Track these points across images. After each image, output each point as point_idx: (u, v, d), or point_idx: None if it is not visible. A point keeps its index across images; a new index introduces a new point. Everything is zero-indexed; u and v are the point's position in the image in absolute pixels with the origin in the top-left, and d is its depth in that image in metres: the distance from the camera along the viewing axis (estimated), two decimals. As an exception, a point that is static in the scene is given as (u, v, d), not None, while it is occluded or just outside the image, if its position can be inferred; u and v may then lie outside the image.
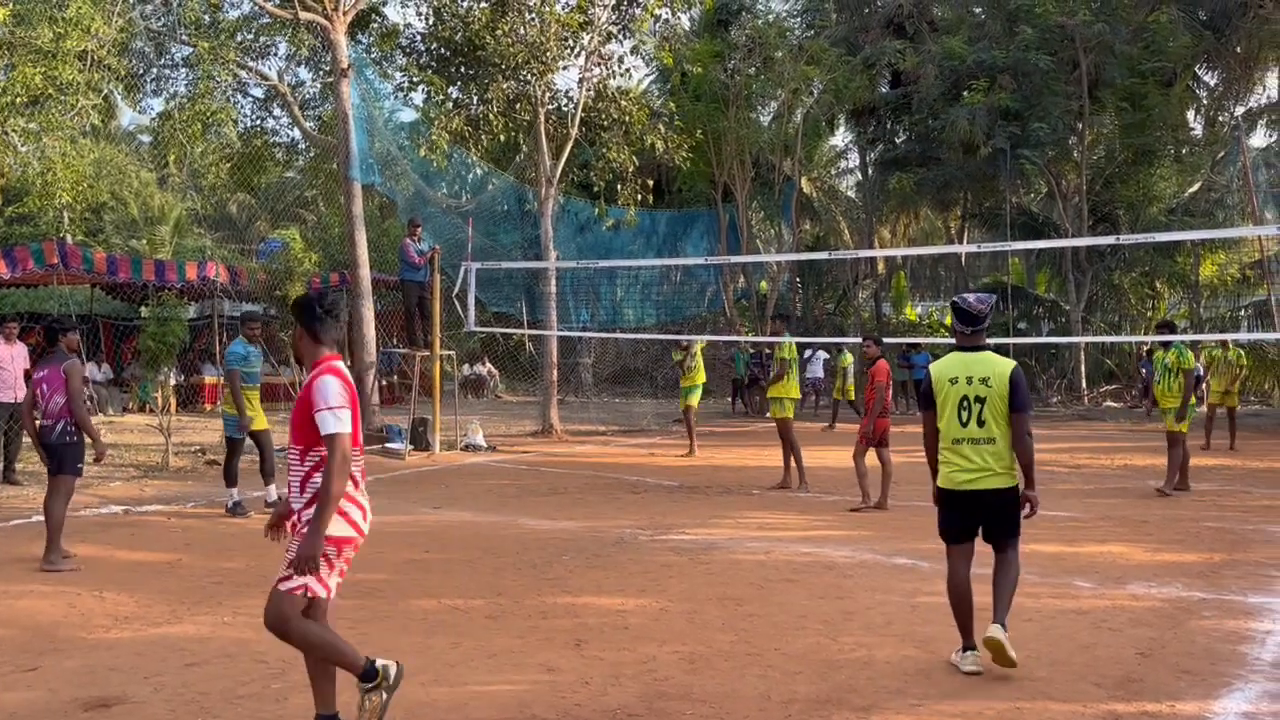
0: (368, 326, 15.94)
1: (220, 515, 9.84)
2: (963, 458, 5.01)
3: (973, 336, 5.13)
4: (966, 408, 4.98)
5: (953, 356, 5.18)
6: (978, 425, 4.97)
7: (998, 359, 5.09)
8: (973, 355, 5.10)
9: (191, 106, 16.00)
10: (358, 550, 4.14)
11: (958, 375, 5.04)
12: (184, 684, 4.89)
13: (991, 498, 5.00)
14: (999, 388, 4.97)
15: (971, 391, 4.99)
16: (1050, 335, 28.02)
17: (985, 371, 5.01)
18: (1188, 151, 27.76)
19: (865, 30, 29.18)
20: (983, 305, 5.09)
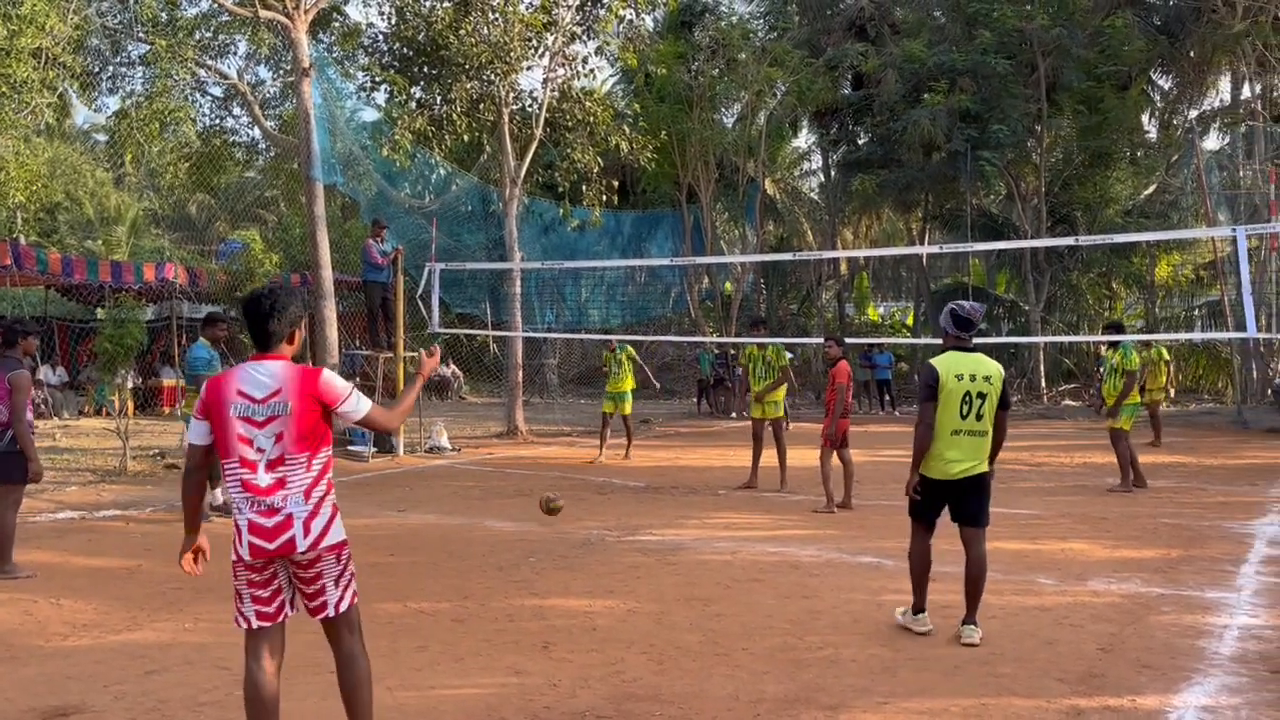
0: (330, 328, 15.78)
1: (180, 520, 9.68)
2: (956, 447, 5.48)
3: (968, 340, 5.63)
4: (968, 402, 5.46)
5: (953, 355, 5.59)
6: (976, 419, 5.48)
7: (991, 361, 5.61)
8: (971, 356, 5.58)
9: (149, 105, 15.76)
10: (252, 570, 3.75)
11: (964, 373, 5.50)
12: (144, 692, 4.81)
13: (970, 482, 5.53)
14: (998, 385, 5.54)
15: (975, 388, 5.49)
16: (1010, 335, 28.35)
17: (987, 371, 5.53)
18: (1143, 154, 28.22)
19: (828, 33, 29.36)
20: (976, 312, 5.65)
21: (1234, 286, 22.32)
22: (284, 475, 3.65)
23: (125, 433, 13.05)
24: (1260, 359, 23.07)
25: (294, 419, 3.64)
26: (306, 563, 3.70)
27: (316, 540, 3.68)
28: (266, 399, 3.65)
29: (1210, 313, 27.45)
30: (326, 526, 3.72)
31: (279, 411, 3.65)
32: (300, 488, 3.67)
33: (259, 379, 3.68)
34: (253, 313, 3.75)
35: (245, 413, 3.65)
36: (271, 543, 3.64)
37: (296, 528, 3.65)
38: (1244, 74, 25.41)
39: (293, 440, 3.64)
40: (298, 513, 3.66)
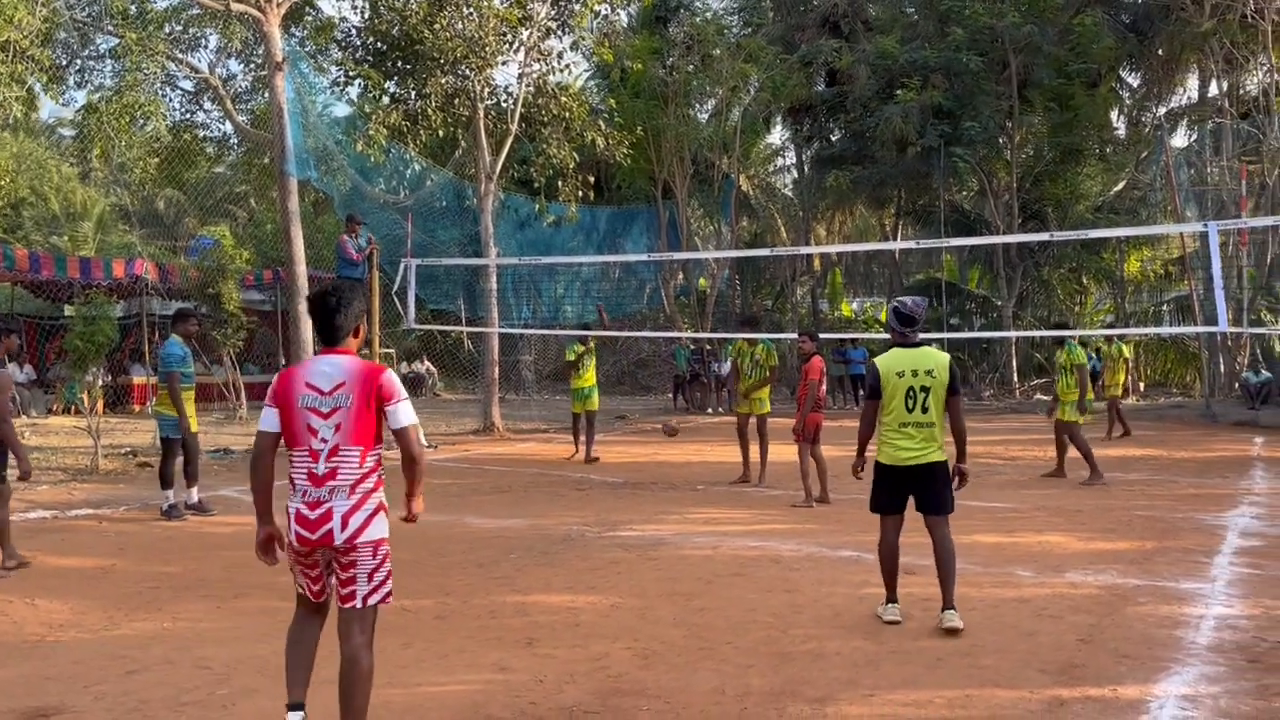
0: (305, 324, 15.65)
1: (155, 519, 9.59)
2: (906, 438, 5.69)
3: (911, 335, 5.80)
4: (912, 396, 5.66)
5: (896, 353, 5.79)
6: (922, 411, 5.66)
7: (936, 353, 5.78)
8: (915, 351, 5.77)
9: (119, 99, 15.55)
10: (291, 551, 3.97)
11: (904, 369, 5.70)
12: (125, 692, 4.76)
13: (924, 471, 5.69)
14: (941, 377, 5.68)
15: (918, 383, 5.67)
16: (982, 330, 28.60)
17: (929, 364, 5.70)
18: (1112, 151, 28.54)
19: (802, 29, 29.49)
20: (919, 308, 5.81)
21: (1202, 281, 22.62)
22: (336, 466, 3.80)
23: (96, 431, 12.90)
24: (1227, 353, 23.41)
25: (354, 412, 3.79)
26: (344, 554, 3.83)
27: (354, 535, 3.81)
28: (332, 391, 3.81)
29: (1178, 308, 27.81)
30: (366, 522, 3.84)
31: (342, 403, 3.80)
32: (348, 481, 3.81)
33: (326, 371, 3.83)
34: (320, 308, 3.91)
35: (312, 404, 3.81)
36: (313, 533, 3.82)
37: (335, 521, 3.79)
38: (1211, 71, 25.75)
39: (349, 433, 3.80)
40: (339, 506, 3.79)
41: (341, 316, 3.90)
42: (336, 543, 3.80)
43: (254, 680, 4.91)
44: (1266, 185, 23.03)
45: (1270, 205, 22.53)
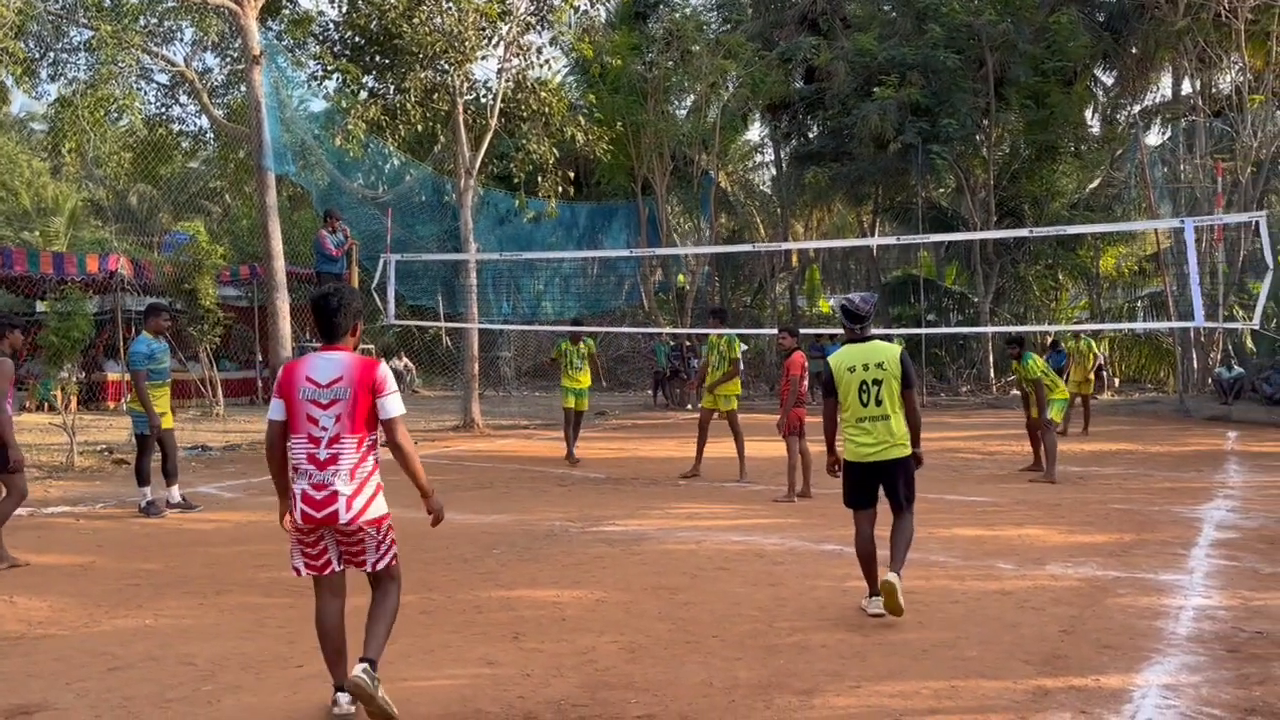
0: (283, 320, 15.55)
1: (132, 515, 9.51)
2: (865, 433, 5.78)
3: (861, 331, 5.90)
4: (866, 390, 5.75)
5: (847, 349, 5.91)
6: (875, 404, 5.74)
7: (886, 345, 5.86)
8: (864, 346, 5.87)
9: (93, 93, 15.37)
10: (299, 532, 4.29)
11: (855, 364, 5.81)
12: (108, 689, 4.72)
13: (890, 466, 5.78)
14: (893, 369, 5.75)
15: (869, 376, 5.76)
16: (959, 326, 28.77)
17: (879, 358, 5.78)
18: (1087, 148, 28.72)
19: (780, 26, 29.51)
20: (867, 305, 5.88)
21: (1175, 278, 22.85)
22: (337, 453, 4.16)
23: (72, 428, 12.77)
24: (1201, 349, 23.65)
25: (352, 403, 4.17)
26: (348, 532, 4.20)
27: (357, 515, 4.17)
28: (330, 384, 4.18)
29: (1152, 304, 28.07)
30: (367, 503, 4.20)
31: (340, 396, 4.17)
32: (348, 466, 4.17)
33: (325, 366, 4.22)
34: (321, 308, 4.31)
35: (312, 396, 4.18)
36: (319, 513, 4.16)
37: (340, 503, 4.15)
38: (1185, 70, 25.96)
39: (349, 423, 4.17)
40: (343, 489, 4.15)
41: (340, 316, 4.30)
42: (341, 522, 4.15)
43: (238, 676, 4.88)
44: (1240, 183, 23.28)
45: (1243, 202, 22.77)
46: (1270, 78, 23.72)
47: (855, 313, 5.87)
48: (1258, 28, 23.05)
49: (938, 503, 9.91)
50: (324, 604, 4.33)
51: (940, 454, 14.27)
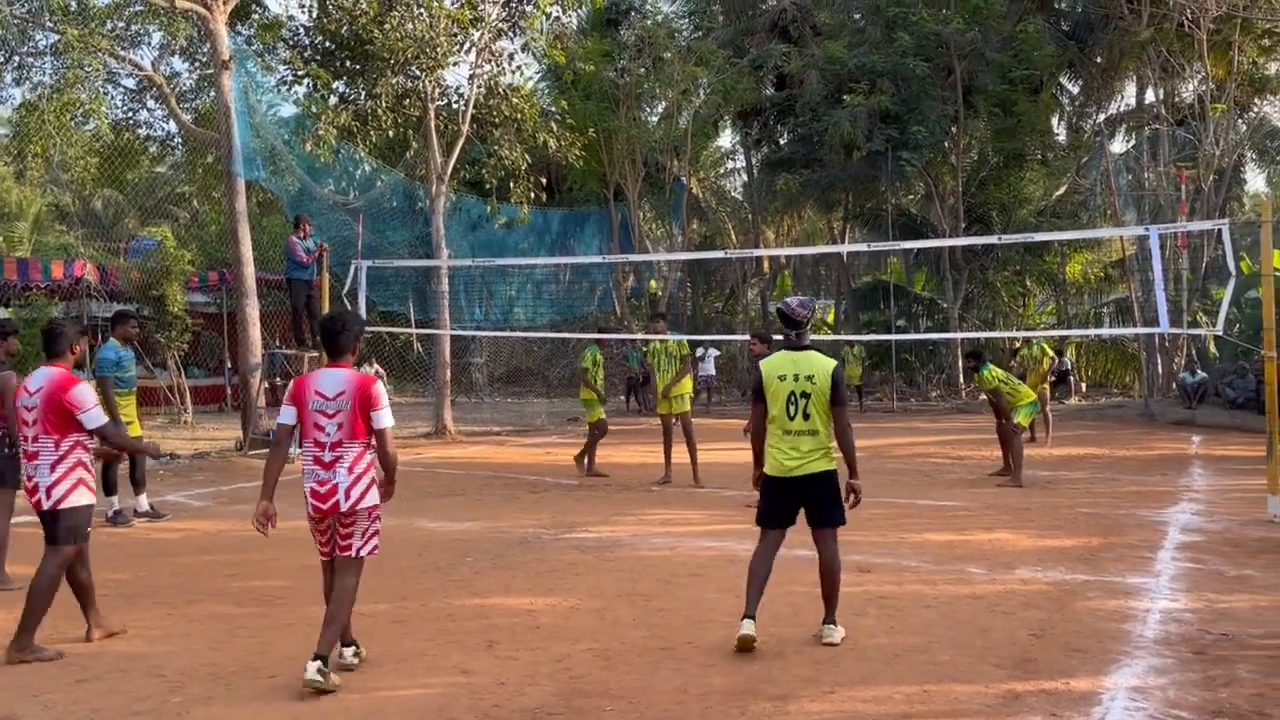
0: (252, 327, 15.42)
1: (100, 525, 9.37)
2: (791, 446, 5.39)
3: (798, 338, 5.50)
4: (794, 402, 5.38)
5: (780, 355, 5.53)
6: (803, 418, 5.37)
7: (820, 358, 5.45)
8: (799, 354, 5.47)
9: (59, 97, 15.19)
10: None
11: (786, 373, 5.42)
12: (75, 701, 4.66)
13: (810, 481, 5.39)
14: (822, 384, 5.37)
15: (798, 388, 5.39)
16: (929, 332, 29.01)
17: (810, 370, 5.39)
18: (1054, 156, 29.10)
19: (751, 33, 29.68)
20: (805, 310, 5.51)
21: (1140, 284, 23.17)
22: (340, 455, 4.83)
23: (37, 436, 12.57)
24: (1165, 355, 23.99)
25: (352, 414, 4.83)
26: (347, 516, 4.86)
27: (355, 503, 4.84)
28: (335, 397, 4.84)
29: (1118, 309, 28.45)
30: (363, 494, 4.87)
31: (343, 407, 4.83)
32: (347, 464, 4.83)
33: (330, 381, 4.87)
34: (327, 330, 5.01)
35: (319, 407, 4.84)
36: (324, 504, 4.84)
37: (340, 494, 4.82)
38: (1149, 79, 26.38)
39: (349, 431, 4.83)
40: (342, 483, 4.83)
41: (343, 338, 4.97)
42: (342, 509, 4.82)
43: (208, 688, 4.83)
44: (1202, 190, 23.65)
45: (1206, 210, 23.14)
46: (1232, 87, 24.15)
47: (792, 318, 5.48)
48: (1219, 37, 23.47)
49: (909, 508, 9.99)
50: (328, 577, 5.02)
51: (910, 459, 14.40)
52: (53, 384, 5.47)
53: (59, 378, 5.50)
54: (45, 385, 5.48)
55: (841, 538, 8.02)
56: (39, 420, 5.46)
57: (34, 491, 5.47)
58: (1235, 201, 27.65)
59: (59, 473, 5.43)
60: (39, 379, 5.54)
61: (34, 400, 5.48)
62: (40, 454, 5.45)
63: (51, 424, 5.45)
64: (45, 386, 5.48)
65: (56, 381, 5.47)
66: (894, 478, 12.36)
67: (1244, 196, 29.38)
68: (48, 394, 5.45)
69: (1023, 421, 11.82)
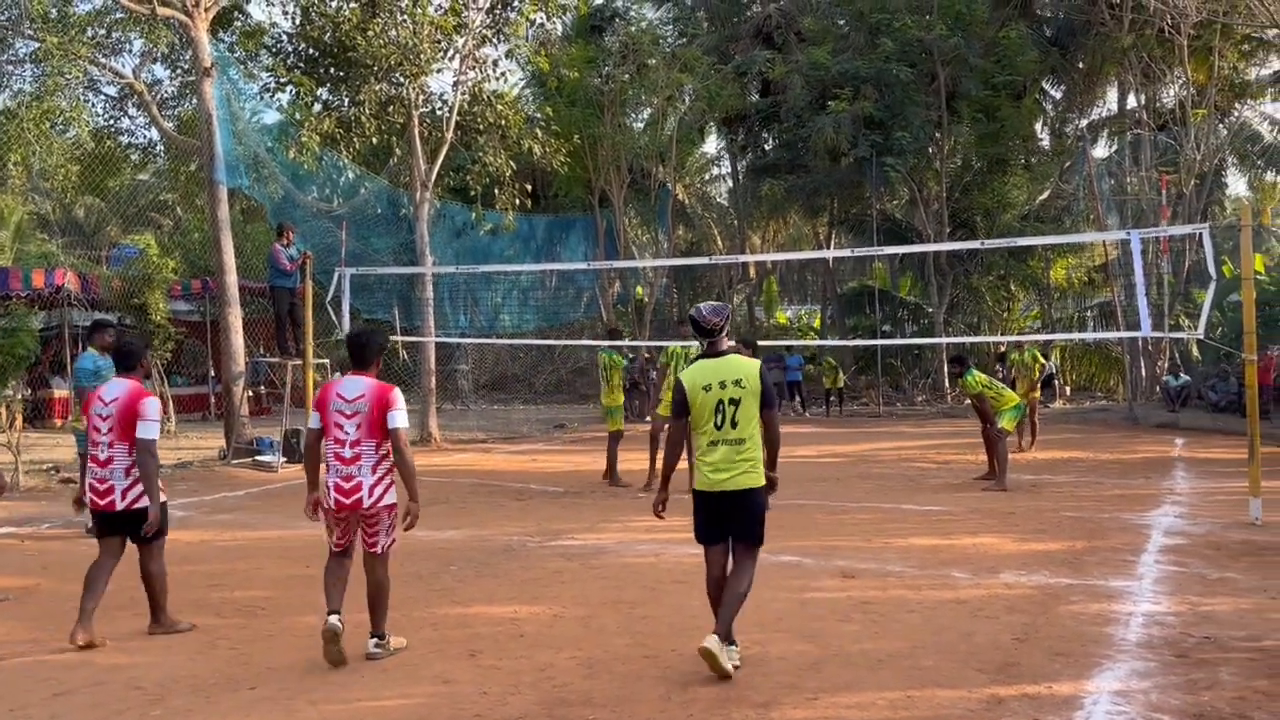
0: (235, 335, 15.35)
1: (79, 536, 9.30)
2: (720, 457, 5.09)
3: (713, 344, 5.23)
4: (721, 411, 5.08)
5: (700, 364, 5.23)
6: (731, 426, 5.08)
7: (743, 360, 5.21)
8: (720, 361, 5.19)
9: (39, 105, 15.09)
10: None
11: (710, 382, 5.11)
12: (53, 714, 4.62)
13: (740, 497, 5.11)
14: (752, 386, 5.09)
15: (726, 395, 5.08)
16: (914, 337, 29.09)
17: (736, 374, 5.11)
18: (1037, 161, 29.26)
19: (736, 40, 29.77)
20: (716, 317, 5.21)
21: (1123, 288, 23.30)
22: (360, 453, 5.26)
23: (17, 447, 12.48)
24: (1148, 358, 24.13)
25: (369, 416, 5.26)
26: (370, 514, 5.29)
27: (376, 501, 5.26)
28: (354, 400, 5.29)
29: (1101, 313, 28.60)
30: (384, 493, 5.30)
31: (361, 409, 5.27)
32: (370, 463, 5.26)
33: (351, 386, 5.35)
34: (354, 344, 5.51)
35: (339, 408, 5.30)
36: (348, 499, 5.25)
37: (364, 491, 5.24)
38: (1130, 84, 26.58)
39: (367, 430, 5.25)
40: (366, 481, 5.25)
41: (367, 351, 5.47)
42: (364, 507, 5.24)
43: (188, 700, 4.78)
44: (1184, 195, 23.81)
45: (1187, 214, 23.29)
46: (1212, 92, 24.35)
47: (703, 325, 5.19)
48: (1200, 43, 23.66)
49: (893, 512, 10.00)
50: (336, 560, 5.44)
51: (896, 464, 14.42)
52: (127, 395, 5.85)
53: (133, 389, 5.90)
54: (120, 396, 5.85)
55: (827, 543, 8.07)
56: (113, 429, 5.81)
57: (107, 494, 5.79)
58: (1216, 206, 27.83)
59: (133, 477, 5.81)
60: (114, 389, 5.92)
61: (109, 410, 5.83)
62: (114, 459, 5.79)
63: (124, 432, 5.78)
64: (120, 397, 5.84)
65: (131, 393, 5.86)
66: (879, 482, 12.38)
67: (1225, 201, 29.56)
68: (123, 404, 5.81)
69: (1007, 426, 11.86)
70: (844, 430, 20.73)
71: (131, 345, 6.28)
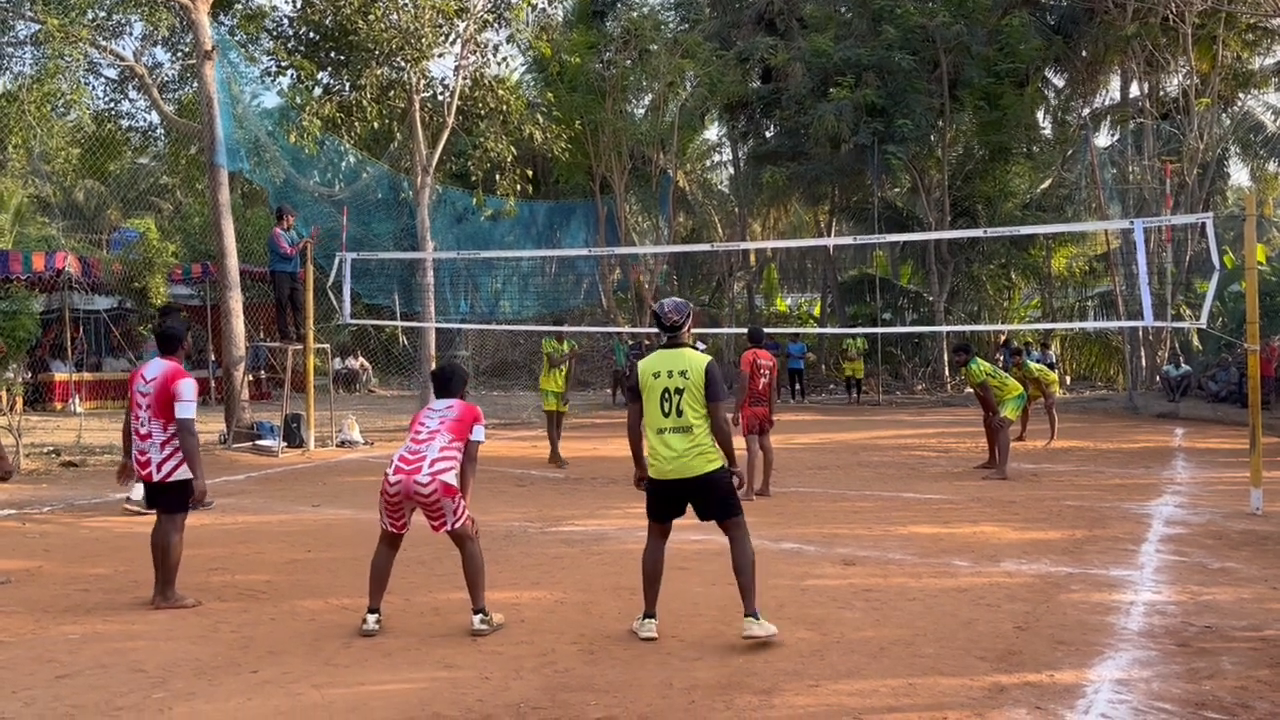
0: (236, 319, 15.33)
1: (79, 520, 9.32)
2: (666, 445, 5.34)
3: (672, 339, 5.52)
4: (667, 399, 5.34)
5: (656, 354, 5.53)
6: (677, 415, 5.32)
7: (694, 354, 5.46)
8: (673, 352, 5.47)
9: (39, 87, 15.03)
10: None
11: (659, 370, 5.40)
12: (55, 697, 4.62)
13: (695, 483, 5.35)
14: (695, 379, 5.33)
15: (672, 384, 5.35)
16: (914, 325, 29.07)
17: (684, 366, 5.37)
18: (1039, 149, 29.16)
19: (738, 26, 29.65)
20: (678, 314, 5.51)
21: (1124, 278, 23.27)
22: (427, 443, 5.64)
23: (18, 430, 12.48)
24: (1149, 348, 24.12)
25: (451, 423, 5.70)
26: (431, 500, 5.57)
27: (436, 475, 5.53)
28: (441, 410, 5.81)
29: (1102, 303, 28.57)
30: (443, 471, 5.56)
31: (447, 416, 5.74)
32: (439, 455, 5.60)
33: (442, 404, 5.87)
34: (440, 378, 6.04)
35: (424, 418, 5.82)
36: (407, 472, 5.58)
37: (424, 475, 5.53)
38: (1133, 73, 26.46)
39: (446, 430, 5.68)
40: (429, 455, 5.58)
41: (454, 384, 5.98)
42: (421, 479, 5.51)
43: (191, 683, 4.79)
44: (1187, 184, 23.75)
45: (1190, 204, 23.25)
46: (1216, 81, 24.25)
47: (664, 322, 5.49)
48: (1204, 32, 23.57)
49: (894, 501, 10.01)
50: (385, 549, 5.78)
51: (896, 452, 14.43)
52: (165, 375, 6.18)
53: (171, 370, 6.22)
54: (159, 376, 6.19)
55: (827, 531, 8.08)
56: (152, 405, 6.14)
57: (145, 465, 6.16)
58: (1219, 195, 27.79)
59: (166, 452, 6.12)
60: (154, 369, 6.25)
61: (149, 388, 6.18)
62: (153, 434, 6.15)
63: (161, 410, 6.12)
64: (159, 377, 6.18)
65: (168, 373, 6.19)
66: (879, 471, 12.39)
67: (1227, 190, 29.55)
68: (160, 384, 6.15)
69: (1010, 415, 11.85)
70: (844, 418, 20.75)
71: (174, 329, 6.60)
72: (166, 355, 6.40)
